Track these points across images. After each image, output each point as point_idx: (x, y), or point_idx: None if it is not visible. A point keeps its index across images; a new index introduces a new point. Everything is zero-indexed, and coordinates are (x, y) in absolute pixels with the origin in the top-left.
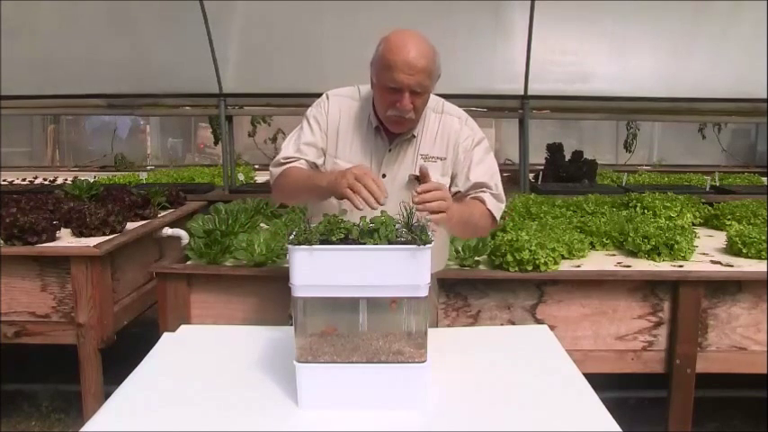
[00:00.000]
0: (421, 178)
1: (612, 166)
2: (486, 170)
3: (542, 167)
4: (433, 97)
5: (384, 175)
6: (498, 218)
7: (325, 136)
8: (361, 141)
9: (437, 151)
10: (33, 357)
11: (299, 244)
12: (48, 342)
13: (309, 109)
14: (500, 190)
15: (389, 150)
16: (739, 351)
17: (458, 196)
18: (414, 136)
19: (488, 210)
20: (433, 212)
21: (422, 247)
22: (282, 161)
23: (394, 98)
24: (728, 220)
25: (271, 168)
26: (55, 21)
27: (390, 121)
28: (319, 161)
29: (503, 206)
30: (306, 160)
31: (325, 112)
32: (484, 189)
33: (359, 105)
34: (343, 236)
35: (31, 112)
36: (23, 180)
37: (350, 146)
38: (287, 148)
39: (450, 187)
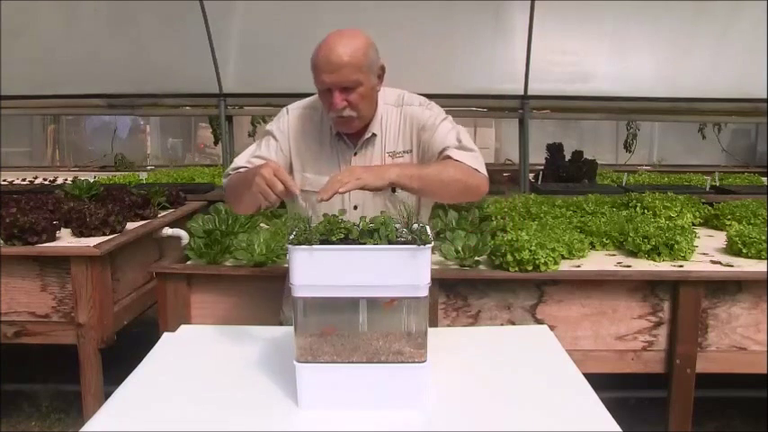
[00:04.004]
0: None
1: (612, 166)
2: (445, 134)
3: (542, 167)
4: (392, 91)
5: None
6: (482, 169)
7: (282, 152)
8: (326, 150)
9: (402, 145)
10: (33, 357)
11: (299, 244)
12: (48, 342)
13: (269, 123)
14: (466, 142)
15: (355, 154)
16: (739, 351)
17: None
18: (374, 135)
19: (458, 160)
20: (349, 190)
21: (422, 247)
22: (231, 172)
23: (328, 99)
24: (728, 220)
25: (223, 180)
26: (55, 21)
27: (335, 123)
28: None
29: (477, 154)
30: None
31: (285, 128)
32: (447, 148)
33: (320, 115)
34: (343, 236)
35: (31, 112)
36: (23, 180)
37: (315, 156)
38: (238, 160)
39: None
